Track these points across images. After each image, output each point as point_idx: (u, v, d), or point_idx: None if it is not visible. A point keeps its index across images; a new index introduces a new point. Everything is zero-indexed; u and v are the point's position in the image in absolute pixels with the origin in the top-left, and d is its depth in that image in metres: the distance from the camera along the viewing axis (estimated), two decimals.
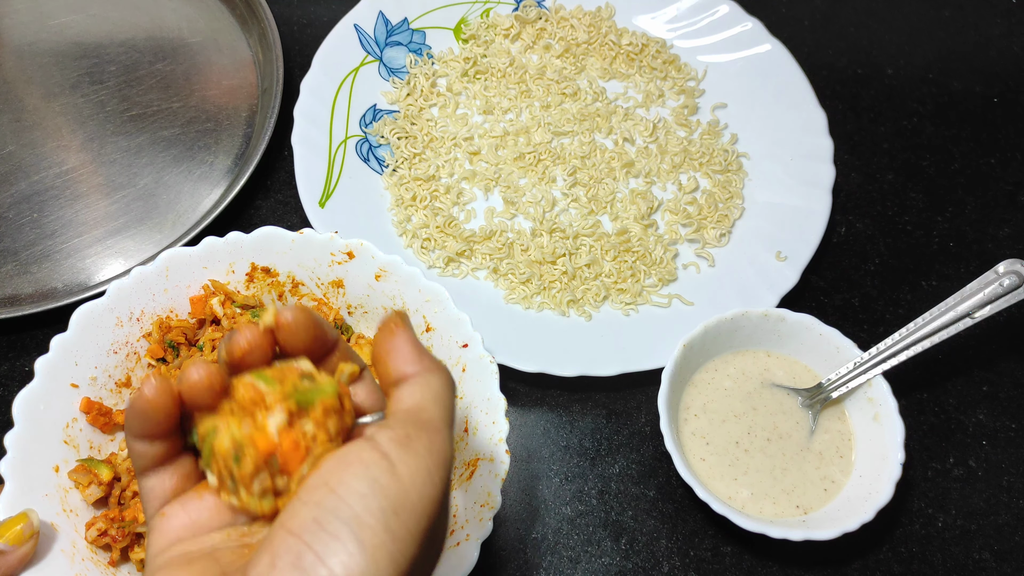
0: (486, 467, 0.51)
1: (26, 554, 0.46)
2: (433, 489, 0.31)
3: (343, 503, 0.30)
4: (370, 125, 0.77)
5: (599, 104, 0.79)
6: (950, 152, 0.81)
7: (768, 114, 0.79)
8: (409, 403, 0.34)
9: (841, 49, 0.88)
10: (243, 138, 0.78)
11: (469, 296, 0.69)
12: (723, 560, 0.61)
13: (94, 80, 0.81)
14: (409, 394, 0.34)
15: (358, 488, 0.30)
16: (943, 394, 0.68)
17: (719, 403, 0.63)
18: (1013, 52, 0.88)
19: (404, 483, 0.30)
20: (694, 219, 0.73)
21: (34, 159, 0.76)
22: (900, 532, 0.62)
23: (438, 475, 0.32)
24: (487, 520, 0.49)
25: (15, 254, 0.71)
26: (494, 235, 0.71)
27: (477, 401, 0.54)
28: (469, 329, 0.56)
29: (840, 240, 0.76)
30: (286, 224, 0.71)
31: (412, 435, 0.32)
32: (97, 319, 0.54)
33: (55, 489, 0.50)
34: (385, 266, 0.58)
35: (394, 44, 0.81)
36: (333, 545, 0.29)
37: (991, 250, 0.76)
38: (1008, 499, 0.64)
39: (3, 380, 0.66)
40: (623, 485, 0.63)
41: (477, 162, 0.76)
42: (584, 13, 0.84)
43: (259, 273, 0.58)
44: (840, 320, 0.69)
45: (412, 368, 0.34)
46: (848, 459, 0.61)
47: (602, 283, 0.69)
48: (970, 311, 0.59)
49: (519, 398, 0.66)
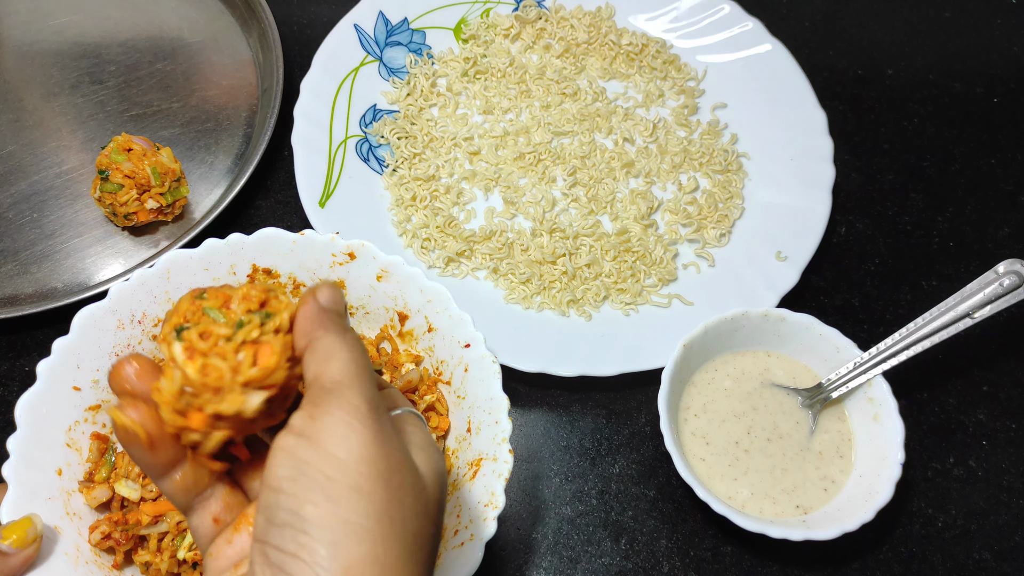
0: (489, 467, 0.51)
1: (29, 557, 0.46)
2: (356, 437, 0.32)
3: (281, 493, 0.31)
4: (370, 125, 0.77)
5: (599, 104, 0.79)
6: (950, 152, 0.81)
7: (768, 114, 0.79)
8: (309, 374, 0.34)
9: (841, 49, 0.88)
10: (243, 138, 0.78)
11: (469, 296, 0.69)
12: (723, 560, 0.61)
13: (94, 80, 0.81)
14: (307, 366, 0.34)
15: (287, 475, 0.31)
16: (943, 394, 0.68)
17: (719, 403, 0.63)
18: (1013, 53, 0.88)
19: (326, 447, 0.31)
20: (694, 219, 0.73)
21: (34, 159, 0.76)
22: (900, 532, 0.62)
23: (356, 421, 0.32)
24: (491, 520, 0.49)
25: (15, 254, 0.71)
26: (494, 235, 0.71)
27: (480, 401, 0.54)
28: (471, 329, 0.56)
29: (840, 240, 0.76)
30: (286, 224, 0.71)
31: (317, 402, 0.33)
32: (98, 322, 0.54)
33: (58, 492, 0.50)
34: (386, 267, 0.58)
35: (394, 44, 0.81)
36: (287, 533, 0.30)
37: (991, 250, 0.76)
38: (1008, 499, 0.64)
39: (3, 380, 0.66)
40: (623, 485, 0.63)
41: (477, 162, 0.76)
42: (584, 13, 0.84)
43: (260, 275, 0.58)
44: (840, 320, 0.69)
45: (304, 340, 0.35)
46: (848, 459, 0.61)
47: (602, 283, 0.69)
48: (970, 311, 0.60)
49: (519, 398, 0.66)
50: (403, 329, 0.59)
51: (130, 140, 0.68)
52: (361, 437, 0.32)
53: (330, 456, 0.31)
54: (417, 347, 0.59)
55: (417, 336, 0.59)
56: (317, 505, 0.30)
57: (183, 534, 0.52)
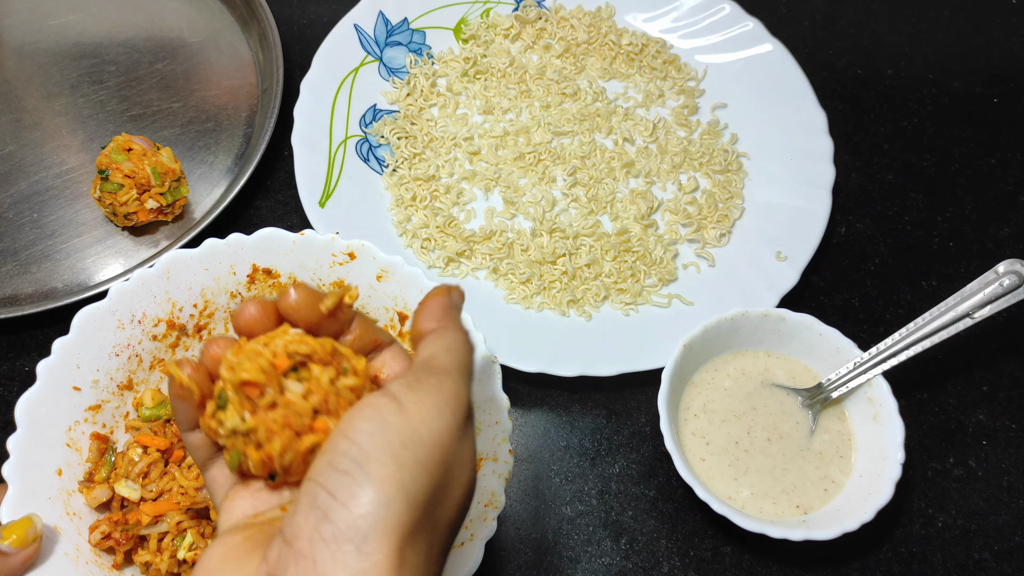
0: (489, 467, 0.51)
1: (29, 557, 0.46)
2: (443, 422, 0.33)
3: (353, 444, 0.32)
4: (370, 125, 0.77)
5: (599, 104, 0.79)
6: (950, 152, 0.81)
7: (768, 114, 0.79)
8: (424, 354, 0.36)
9: (841, 49, 0.88)
10: (243, 138, 0.78)
11: (469, 296, 0.68)
12: (723, 560, 0.61)
13: (94, 80, 0.81)
14: (425, 346, 0.36)
15: (367, 429, 0.32)
16: (943, 394, 0.68)
17: (719, 403, 0.63)
18: (1013, 53, 0.88)
19: (412, 419, 0.32)
20: (694, 219, 0.73)
21: (34, 159, 0.76)
22: (900, 532, 0.62)
23: (448, 409, 0.33)
24: (491, 520, 0.49)
25: (15, 254, 0.71)
26: (494, 235, 0.71)
27: (480, 401, 0.54)
28: (471, 329, 0.56)
29: (840, 240, 0.76)
30: (286, 224, 0.71)
31: (421, 378, 0.34)
32: (98, 321, 0.54)
33: (58, 492, 0.50)
34: (387, 267, 0.58)
35: (394, 44, 0.81)
36: (343, 480, 0.31)
37: (991, 250, 0.76)
38: (1008, 499, 0.64)
39: (3, 380, 0.66)
40: (623, 485, 0.63)
41: (477, 162, 0.76)
42: (584, 13, 0.84)
43: (260, 275, 0.58)
44: (840, 320, 0.69)
45: (432, 324, 0.37)
46: (848, 459, 0.61)
47: (602, 283, 0.69)
48: (970, 311, 0.60)
49: (519, 398, 0.66)
50: (403, 329, 0.59)
51: (130, 140, 0.68)
52: (448, 424, 0.33)
53: (414, 428, 0.32)
54: None
55: None
56: (383, 464, 0.31)
57: (183, 534, 0.52)
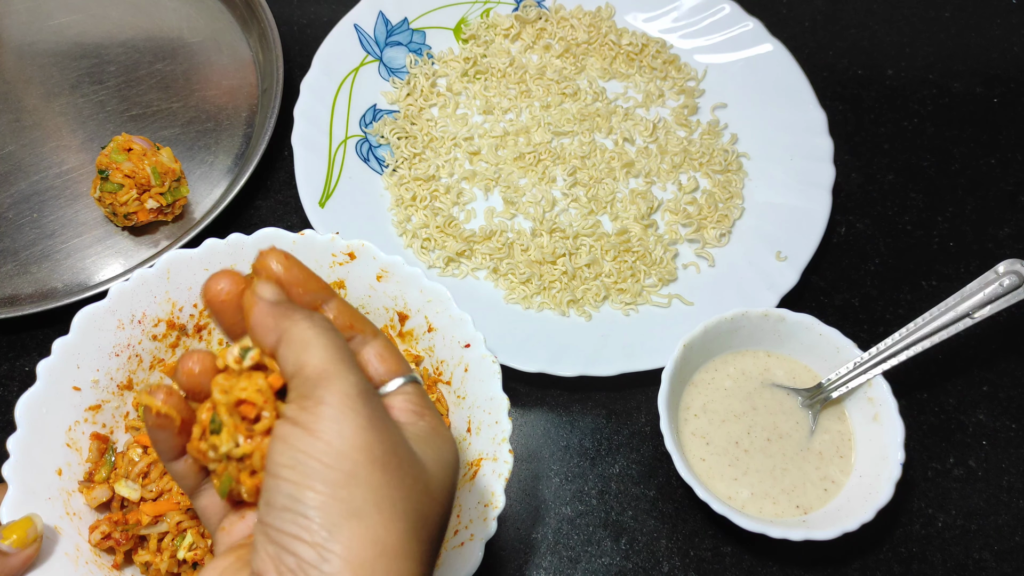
0: (489, 467, 0.51)
1: (29, 557, 0.46)
2: (350, 425, 0.32)
3: (282, 481, 0.32)
4: (370, 125, 0.77)
5: (599, 104, 0.79)
6: (950, 152, 0.81)
7: (768, 114, 0.79)
8: (290, 369, 0.34)
9: (842, 50, 0.88)
10: (243, 138, 0.78)
11: (469, 296, 0.69)
12: (723, 560, 0.61)
13: (94, 80, 0.81)
14: (285, 360, 0.35)
15: (286, 463, 0.32)
16: (943, 394, 0.68)
17: (719, 403, 0.63)
18: (1013, 53, 0.88)
19: (321, 437, 0.32)
20: (694, 219, 0.73)
21: (34, 159, 0.76)
22: (900, 532, 0.62)
23: (348, 410, 0.33)
24: (491, 520, 0.49)
25: (15, 254, 0.71)
26: (494, 235, 0.71)
27: (480, 401, 0.54)
28: (471, 329, 0.56)
29: (840, 240, 0.76)
30: (286, 224, 0.71)
31: (305, 393, 0.33)
32: (98, 322, 0.54)
33: (58, 492, 0.50)
34: (386, 267, 0.58)
35: (394, 44, 0.81)
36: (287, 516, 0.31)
37: (991, 250, 0.76)
38: (1008, 499, 0.64)
39: (3, 380, 0.66)
40: (623, 485, 0.63)
41: (477, 162, 0.76)
42: (584, 13, 0.84)
43: None
44: (840, 320, 0.70)
45: (272, 336, 0.35)
46: (848, 459, 0.61)
47: (602, 283, 0.69)
48: (970, 311, 0.60)
49: (519, 398, 0.66)
50: (403, 329, 0.59)
51: (130, 140, 0.68)
52: (354, 424, 0.32)
53: (326, 444, 0.32)
54: (417, 347, 0.59)
55: (417, 336, 0.59)
56: (316, 491, 0.31)
57: (183, 534, 0.52)
